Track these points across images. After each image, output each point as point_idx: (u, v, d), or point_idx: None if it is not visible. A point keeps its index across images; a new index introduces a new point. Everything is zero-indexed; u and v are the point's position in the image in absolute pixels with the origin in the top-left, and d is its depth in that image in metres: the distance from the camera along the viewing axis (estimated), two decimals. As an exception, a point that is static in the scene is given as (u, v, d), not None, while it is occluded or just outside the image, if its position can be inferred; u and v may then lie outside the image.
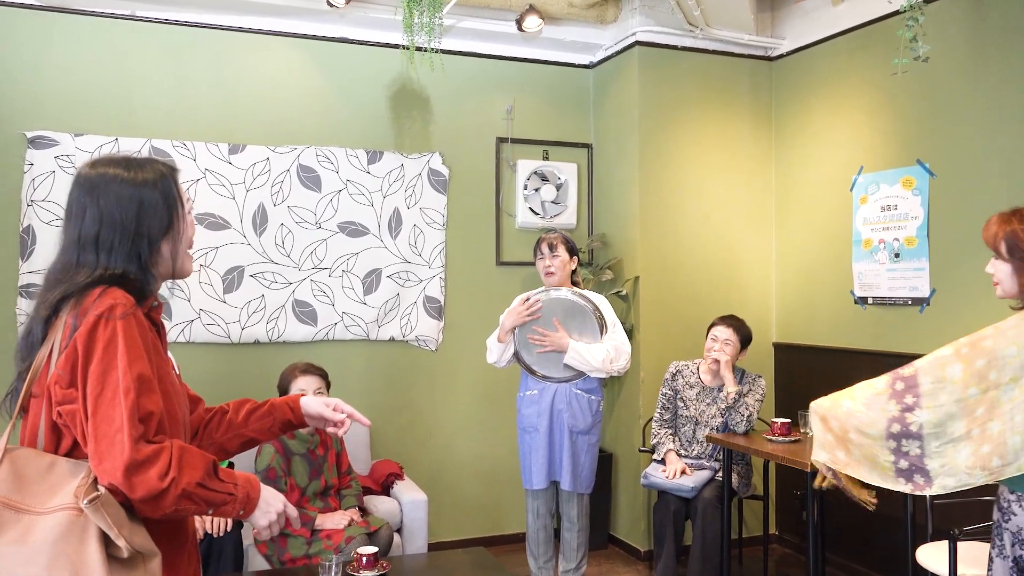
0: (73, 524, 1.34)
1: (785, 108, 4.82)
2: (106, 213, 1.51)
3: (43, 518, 1.35)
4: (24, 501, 1.37)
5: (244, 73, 4.33)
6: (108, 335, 1.41)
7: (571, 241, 3.75)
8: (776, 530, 4.87)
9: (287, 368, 3.58)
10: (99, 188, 1.52)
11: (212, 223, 4.22)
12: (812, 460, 2.67)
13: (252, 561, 3.46)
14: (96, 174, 1.54)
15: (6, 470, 1.39)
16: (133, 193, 1.53)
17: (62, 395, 1.42)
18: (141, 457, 1.37)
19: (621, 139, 4.79)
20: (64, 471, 1.41)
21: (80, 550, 1.33)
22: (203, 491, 1.44)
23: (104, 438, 1.37)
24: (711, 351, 3.98)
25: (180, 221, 1.59)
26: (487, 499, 4.79)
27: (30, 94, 3.97)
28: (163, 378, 1.50)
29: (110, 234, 1.51)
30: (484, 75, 4.81)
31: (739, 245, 4.84)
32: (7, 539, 1.33)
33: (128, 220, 1.52)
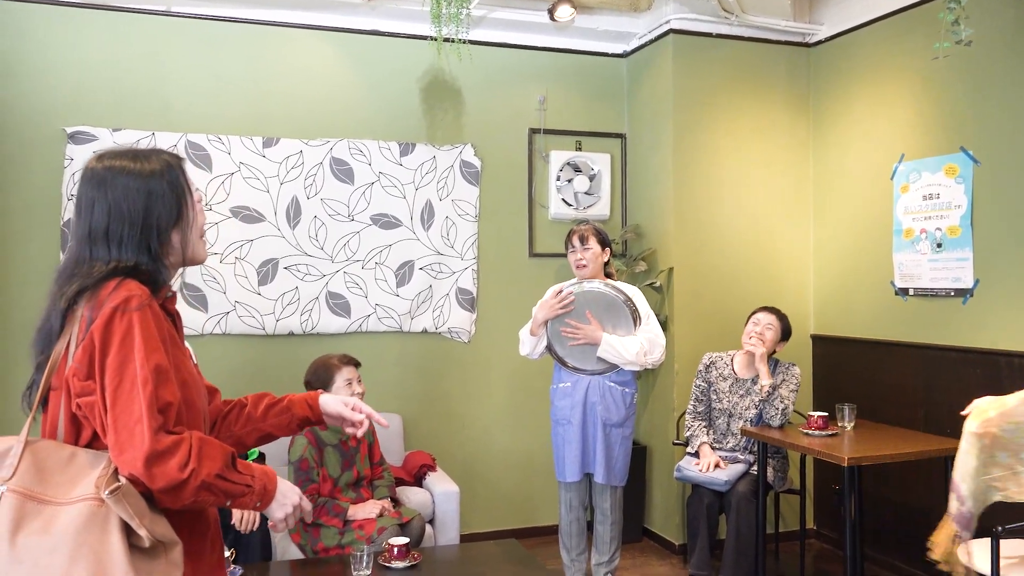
0: (95, 514, 1.35)
1: (823, 95, 4.72)
2: (114, 206, 1.52)
3: (65, 508, 1.36)
4: (46, 492, 1.38)
5: (277, 67, 4.36)
6: (124, 327, 1.41)
7: (603, 232, 3.71)
8: (814, 525, 4.79)
9: (320, 361, 3.58)
10: (107, 181, 1.53)
11: (246, 216, 4.26)
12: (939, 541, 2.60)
13: (286, 550, 3.50)
14: (103, 167, 1.55)
15: (27, 462, 1.40)
16: (140, 185, 1.54)
17: (80, 387, 1.43)
18: (161, 448, 1.38)
19: (655, 129, 4.73)
20: (84, 462, 1.42)
21: (103, 540, 1.34)
22: (222, 482, 1.44)
23: (124, 429, 1.38)
24: (750, 336, 3.92)
25: (189, 209, 1.59)
26: (520, 491, 4.79)
27: (70, 91, 4.04)
28: (180, 367, 1.51)
29: (119, 227, 1.52)
30: (516, 66, 4.79)
31: (776, 235, 4.75)
32: (30, 530, 1.34)
33: (136, 212, 1.53)
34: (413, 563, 3.04)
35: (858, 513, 3.78)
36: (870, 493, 4.26)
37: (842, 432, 3.68)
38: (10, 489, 1.36)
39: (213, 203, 4.21)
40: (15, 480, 1.37)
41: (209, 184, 4.20)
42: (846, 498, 3.37)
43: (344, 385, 3.49)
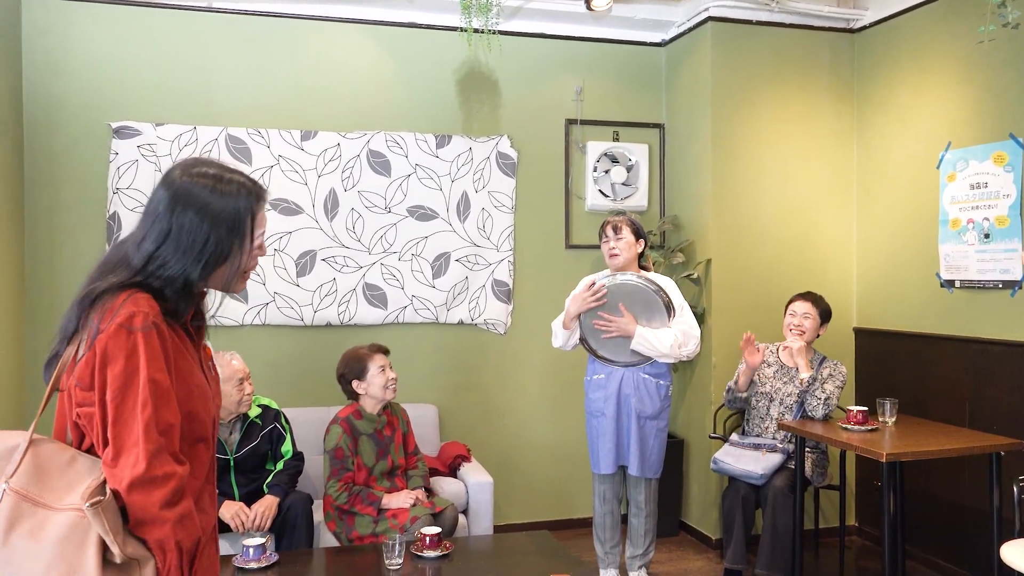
0: (77, 526, 1.36)
1: (868, 83, 4.61)
2: (174, 234, 1.50)
3: (54, 515, 1.38)
4: (42, 495, 1.40)
5: (316, 61, 4.40)
6: (130, 346, 1.41)
7: (637, 223, 3.68)
8: (856, 521, 4.70)
9: (350, 354, 3.62)
10: (179, 202, 1.51)
11: (285, 208, 4.32)
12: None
13: (322, 538, 3.55)
14: (183, 183, 1.52)
15: (29, 462, 1.42)
16: (206, 223, 1.50)
17: (81, 397, 1.45)
18: (152, 474, 1.39)
19: (693, 118, 4.67)
20: (83, 468, 1.44)
21: (79, 553, 1.35)
22: (178, 557, 1.43)
23: (121, 447, 1.40)
24: (791, 328, 3.87)
25: (243, 255, 1.56)
26: (556, 482, 4.79)
27: (114, 86, 4.14)
28: (187, 379, 1.51)
29: (167, 255, 1.49)
30: (553, 56, 4.76)
31: (817, 226, 4.66)
32: (21, 531, 1.37)
33: (192, 247, 1.50)
34: (445, 553, 3.07)
35: (899, 510, 3.70)
36: (913, 490, 4.16)
37: (882, 427, 3.60)
38: (10, 487, 1.39)
39: (253, 196, 4.27)
40: (15, 479, 1.40)
41: (249, 177, 4.26)
42: (885, 494, 3.29)
43: (378, 372, 3.54)
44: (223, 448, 3.46)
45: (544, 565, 2.98)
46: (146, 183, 4.11)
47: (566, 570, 2.87)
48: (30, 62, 4.03)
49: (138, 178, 4.13)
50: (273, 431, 3.60)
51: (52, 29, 4.06)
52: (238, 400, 3.44)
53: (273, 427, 3.60)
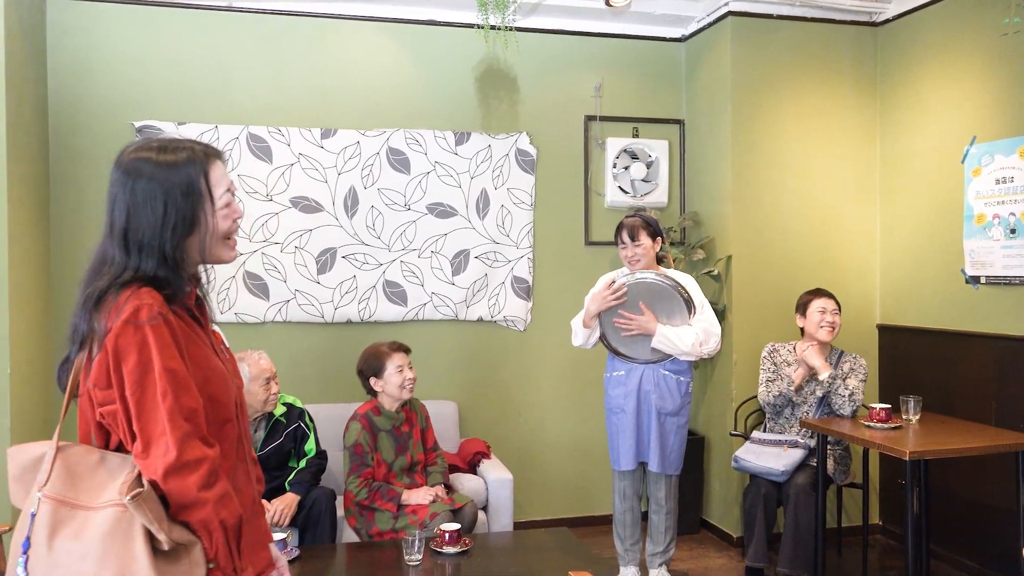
0: (120, 520, 1.38)
1: (891, 76, 4.56)
2: (133, 208, 1.50)
3: (94, 514, 1.40)
4: (78, 497, 1.42)
5: (335, 59, 4.42)
6: (139, 340, 1.42)
7: (653, 223, 3.64)
8: (880, 520, 4.66)
9: (371, 350, 3.63)
10: (131, 178, 1.51)
11: (305, 206, 4.34)
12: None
13: (344, 533, 3.57)
14: (130, 160, 1.53)
15: (60, 468, 1.44)
16: (158, 190, 1.50)
17: (101, 397, 1.46)
18: (186, 459, 1.41)
19: (714, 114, 4.64)
20: (113, 466, 1.45)
21: (127, 546, 1.37)
22: (223, 536, 1.45)
23: (149, 439, 1.41)
24: (822, 324, 3.84)
25: (208, 216, 1.54)
26: (576, 479, 4.78)
27: (137, 86, 4.18)
28: (201, 364, 1.52)
29: (137, 231, 1.49)
30: (572, 52, 4.75)
31: (840, 222, 4.62)
32: (64, 535, 1.39)
33: (155, 218, 1.50)
34: (464, 549, 3.07)
35: (923, 508, 3.66)
36: (938, 488, 4.12)
37: (906, 425, 3.56)
38: (45, 496, 1.41)
39: (273, 194, 4.30)
40: (48, 486, 1.42)
41: (270, 175, 4.30)
42: (908, 493, 3.26)
43: (395, 372, 3.55)
44: (246, 445, 3.48)
45: (563, 562, 2.98)
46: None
47: (585, 567, 2.86)
48: (55, 62, 4.08)
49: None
50: (297, 430, 3.62)
51: (76, 30, 4.11)
52: (264, 399, 3.46)
53: (297, 426, 3.63)
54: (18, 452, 1.49)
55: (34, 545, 1.39)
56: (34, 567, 1.39)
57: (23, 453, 1.48)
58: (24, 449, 1.49)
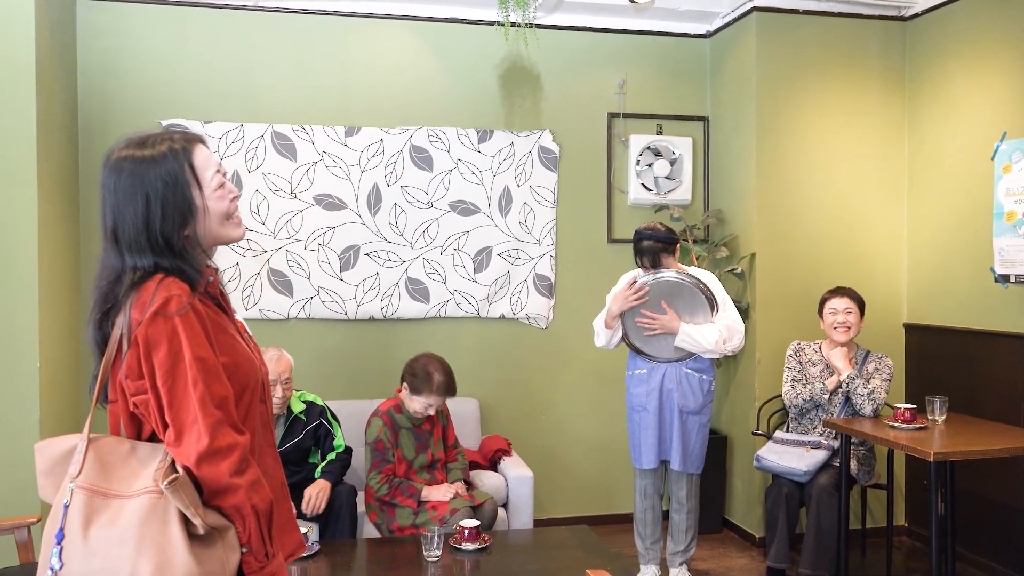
0: (155, 506, 1.41)
1: (919, 72, 4.49)
2: (118, 210, 1.51)
3: (129, 501, 1.42)
4: (111, 487, 1.44)
5: (359, 57, 4.45)
6: (169, 330, 1.44)
7: (670, 235, 3.57)
8: (905, 522, 4.60)
9: (424, 368, 3.53)
10: (115, 177, 1.52)
11: (329, 203, 4.38)
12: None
13: (365, 529, 3.61)
14: (115, 159, 1.53)
15: (92, 459, 1.46)
16: (139, 185, 1.50)
17: (133, 387, 1.48)
18: (217, 445, 1.43)
19: (738, 111, 4.60)
20: (145, 455, 1.48)
21: (163, 531, 1.40)
22: (255, 520, 1.47)
23: (182, 427, 1.43)
24: (835, 327, 3.81)
25: (200, 200, 1.54)
26: (598, 477, 4.78)
27: (165, 85, 4.25)
28: (229, 350, 1.54)
29: (125, 231, 1.50)
30: (595, 49, 4.74)
31: (867, 220, 4.56)
32: (100, 523, 1.41)
33: (138, 216, 1.50)
34: (483, 546, 3.09)
35: (949, 510, 3.61)
36: (965, 490, 4.05)
37: (931, 426, 3.52)
38: (78, 486, 1.44)
39: (298, 191, 4.34)
40: (81, 477, 1.44)
41: (294, 173, 4.34)
42: (933, 494, 3.22)
43: (423, 406, 3.53)
44: (267, 441, 3.52)
45: (582, 560, 2.98)
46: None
47: (604, 565, 2.86)
48: (85, 62, 4.15)
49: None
50: (319, 428, 3.65)
51: (106, 30, 4.18)
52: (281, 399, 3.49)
53: (319, 423, 3.65)
54: (47, 447, 1.51)
55: (68, 535, 1.41)
56: (70, 556, 1.41)
57: (52, 447, 1.50)
58: (53, 443, 1.50)
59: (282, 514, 1.60)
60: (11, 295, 3.44)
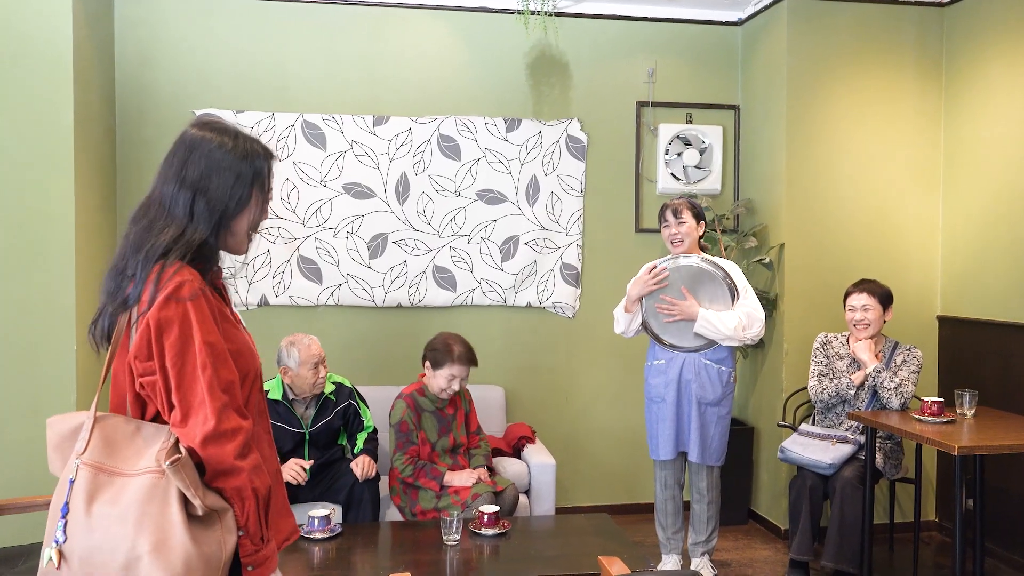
0: (156, 486, 1.45)
1: (957, 59, 4.39)
2: (206, 172, 1.58)
3: (132, 480, 1.47)
4: (116, 465, 1.49)
5: (388, 47, 4.49)
6: (180, 313, 1.50)
7: (697, 205, 3.62)
8: (936, 516, 4.53)
9: (443, 342, 3.59)
10: (204, 148, 1.60)
11: (358, 192, 4.43)
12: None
13: (387, 513, 3.66)
14: (203, 135, 1.61)
15: (97, 437, 1.51)
16: (233, 164, 1.60)
17: (142, 368, 1.52)
18: (223, 428, 1.48)
19: (769, 99, 4.55)
20: (149, 434, 1.53)
21: (163, 511, 1.44)
22: (255, 503, 1.52)
23: (188, 408, 1.48)
24: (854, 324, 3.77)
25: (259, 203, 1.65)
26: (622, 466, 4.78)
27: (198, 75, 4.33)
28: (232, 339, 1.60)
29: (207, 193, 1.58)
30: (625, 38, 4.72)
31: (900, 210, 4.48)
32: (103, 500, 1.46)
33: (222, 188, 1.59)
34: (502, 531, 3.12)
35: (978, 506, 3.55)
36: (998, 486, 3.98)
37: (960, 419, 3.46)
38: (83, 463, 1.49)
39: (327, 180, 4.41)
40: (87, 454, 1.49)
41: (323, 162, 4.40)
42: (957, 489, 3.17)
43: (445, 377, 3.57)
44: (299, 423, 3.61)
45: (599, 547, 2.99)
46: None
47: (621, 552, 2.87)
48: (122, 53, 4.25)
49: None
50: (348, 408, 3.73)
51: (142, 21, 4.27)
52: (313, 383, 3.56)
53: (348, 404, 3.73)
54: (57, 422, 1.57)
55: (72, 510, 1.46)
56: (73, 530, 1.46)
57: (62, 423, 1.56)
58: (64, 419, 1.57)
59: (278, 500, 1.65)
60: (49, 281, 3.56)
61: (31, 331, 3.55)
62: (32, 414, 3.50)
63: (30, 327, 3.55)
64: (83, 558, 1.44)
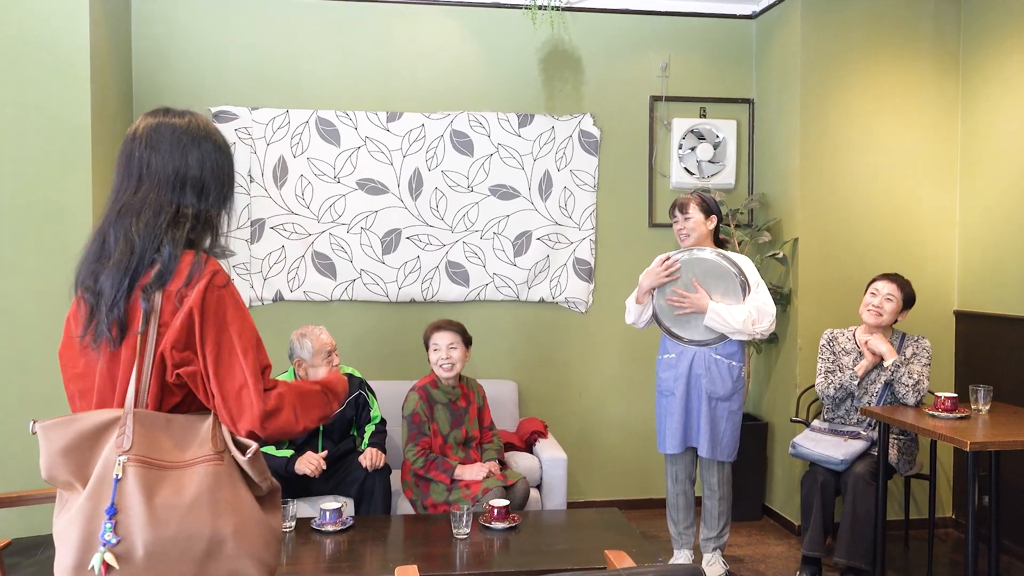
0: (219, 472, 1.49)
1: (975, 50, 4.33)
2: (206, 158, 1.63)
3: (188, 471, 1.48)
4: (161, 458, 1.47)
5: (401, 43, 4.51)
6: (216, 301, 1.52)
7: (708, 200, 3.61)
8: (953, 513, 4.49)
9: (429, 324, 3.76)
10: (195, 136, 1.65)
11: (372, 188, 4.46)
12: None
13: (399, 507, 3.69)
14: (190, 124, 1.66)
15: (139, 432, 1.47)
16: (222, 147, 1.68)
17: (179, 358, 1.52)
18: (271, 407, 1.53)
19: (783, 92, 4.52)
20: (183, 425, 1.53)
21: (235, 494, 1.50)
22: (321, 419, 1.68)
23: (231, 396, 1.51)
24: (868, 308, 3.72)
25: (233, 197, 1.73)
26: (635, 461, 4.78)
27: (214, 73, 4.38)
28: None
29: (210, 180, 1.63)
30: (638, 32, 4.70)
31: (916, 204, 4.44)
32: (164, 493, 1.45)
33: (223, 170, 1.66)
34: (512, 525, 3.14)
35: (994, 502, 3.52)
36: (1013, 482, 3.94)
37: (974, 415, 3.43)
38: (131, 459, 1.44)
39: (341, 176, 4.44)
40: (134, 450, 1.45)
41: (337, 158, 4.43)
42: (969, 485, 3.14)
43: (433, 350, 3.69)
44: (313, 414, 3.64)
45: (608, 541, 2.99)
46: (242, 165, 4.34)
47: (630, 547, 2.87)
48: (138, 50, 4.31)
49: (236, 161, 4.34)
50: (359, 398, 3.77)
51: (158, 19, 4.32)
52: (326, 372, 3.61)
53: (359, 394, 3.77)
54: (68, 423, 1.48)
55: (126, 508, 1.42)
56: (132, 528, 1.42)
57: (78, 423, 1.48)
58: (79, 419, 1.48)
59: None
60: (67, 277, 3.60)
61: (51, 327, 3.61)
62: (54, 408, 3.56)
63: (50, 323, 3.60)
64: (153, 553, 1.42)
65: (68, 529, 1.44)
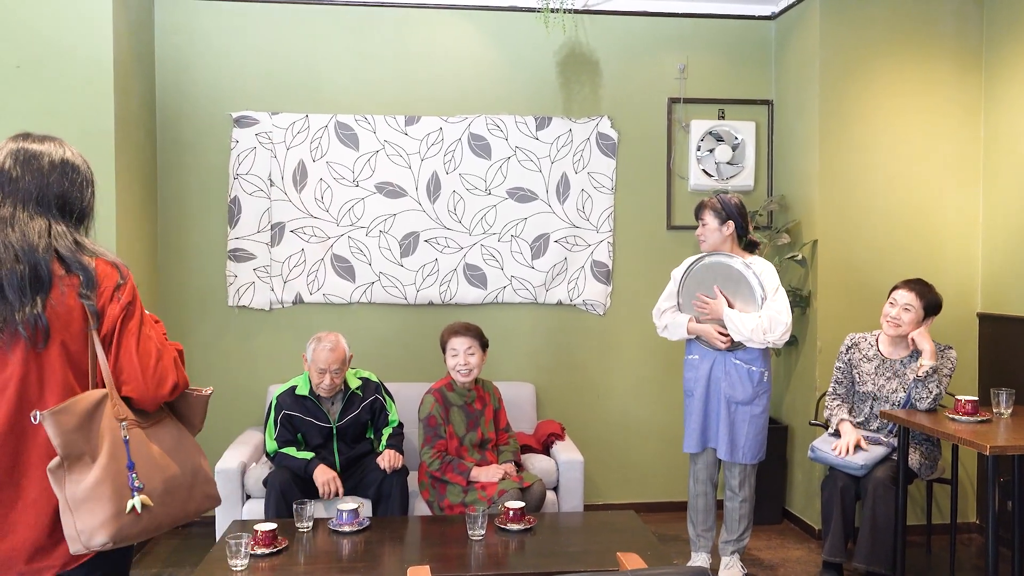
0: (175, 423, 1.93)
1: (999, 48, 4.28)
2: (71, 186, 1.90)
3: (157, 427, 1.87)
4: (137, 418, 1.83)
5: (418, 47, 4.54)
6: (133, 291, 1.85)
7: (727, 205, 3.58)
8: (977, 518, 4.43)
9: (446, 327, 3.78)
10: (70, 166, 1.91)
11: (390, 191, 4.49)
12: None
13: (416, 508, 3.72)
14: (69, 155, 1.92)
15: (119, 402, 1.81)
16: (84, 176, 1.96)
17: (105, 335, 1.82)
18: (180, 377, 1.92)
19: (802, 93, 4.49)
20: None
21: (188, 435, 1.96)
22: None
23: (149, 368, 1.82)
24: (887, 318, 3.68)
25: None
26: (654, 463, 4.77)
27: (234, 78, 4.43)
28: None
29: (74, 207, 1.89)
30: (655, 33, 4.70)
31: (938, 205, 4.38)
32: (157, 443, 1.84)
33: (85, 199, 1.94)
34: (527, 527, 3.14)
35: (1017, 507, 3.46)
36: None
37: (996, 419, 3.38)
38: (129, 423, 1.80)
39: (359, 180, 4.48)
40: (129, 418, 1.81)
41: (356, 162, 4.47)
42: (989, 488, 3.10)
43: (450, 355, 3.68)
44: (327, 417, 3.68)
45: (623, 543, 2.99)
46: (263, 169, 4.40)
47: (644, 549, 2.87)
48: (162, 58, 4.38)
49: (256, 164, 4.41)
50: (375, 402, 3.79)
51: (181, 27, 4.39)
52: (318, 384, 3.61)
53: (375, 398, 3.79)
54: (72, 406, 1.72)
55: (140, 460, 1.78)
56: (148, 474, 1.78)
57: (78, 404, 1.73)
58: (77, 401, 1.73)
59: None
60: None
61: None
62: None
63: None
64: (166, 489, 1.81)
65: (97, 489, 1.71)
